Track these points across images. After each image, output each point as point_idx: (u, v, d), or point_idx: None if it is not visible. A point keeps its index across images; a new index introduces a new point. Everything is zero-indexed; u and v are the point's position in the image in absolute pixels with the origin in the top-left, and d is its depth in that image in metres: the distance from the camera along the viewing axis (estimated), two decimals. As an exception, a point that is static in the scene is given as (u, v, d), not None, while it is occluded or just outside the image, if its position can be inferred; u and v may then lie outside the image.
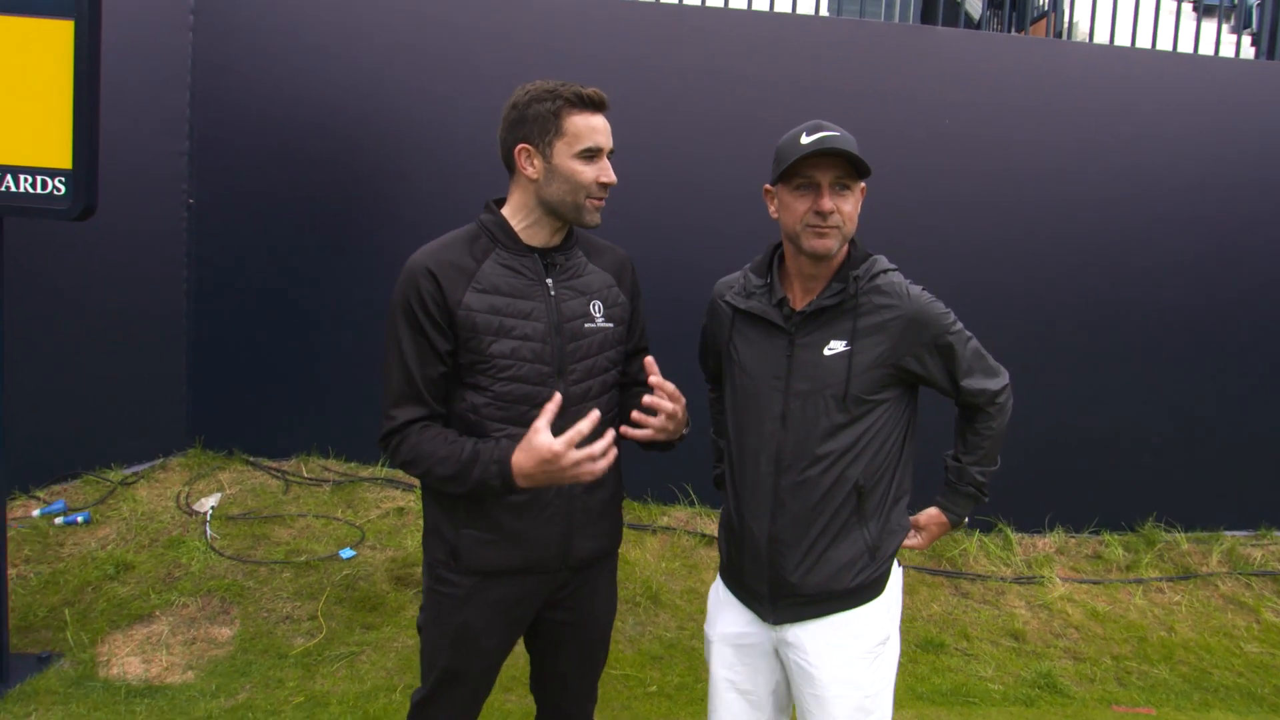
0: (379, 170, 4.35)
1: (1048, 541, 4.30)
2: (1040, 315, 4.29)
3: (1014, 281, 4.28)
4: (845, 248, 1.80)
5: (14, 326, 3.82)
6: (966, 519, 1.99)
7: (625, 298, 1.92)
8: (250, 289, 4.44)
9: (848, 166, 1.70)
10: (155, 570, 3.65)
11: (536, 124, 1.74)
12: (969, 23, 5.70)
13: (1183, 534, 4.35)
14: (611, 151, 1.80)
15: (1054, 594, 3.94)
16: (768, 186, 1.81)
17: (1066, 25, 5.63)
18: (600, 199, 1.78)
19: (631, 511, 4.24)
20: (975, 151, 4.22)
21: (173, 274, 4.42)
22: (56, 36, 2.68)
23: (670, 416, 1.74)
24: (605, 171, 1.77)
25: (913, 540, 1.98)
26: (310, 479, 4.32)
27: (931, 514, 1.99)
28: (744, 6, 4.44)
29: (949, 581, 4.03)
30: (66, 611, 3.32)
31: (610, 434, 1.69)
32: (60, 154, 2.72)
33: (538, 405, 1.71)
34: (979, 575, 4.07)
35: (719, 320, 1.92)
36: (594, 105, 1.75)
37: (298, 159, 4.33)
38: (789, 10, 4.48)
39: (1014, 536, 4.28)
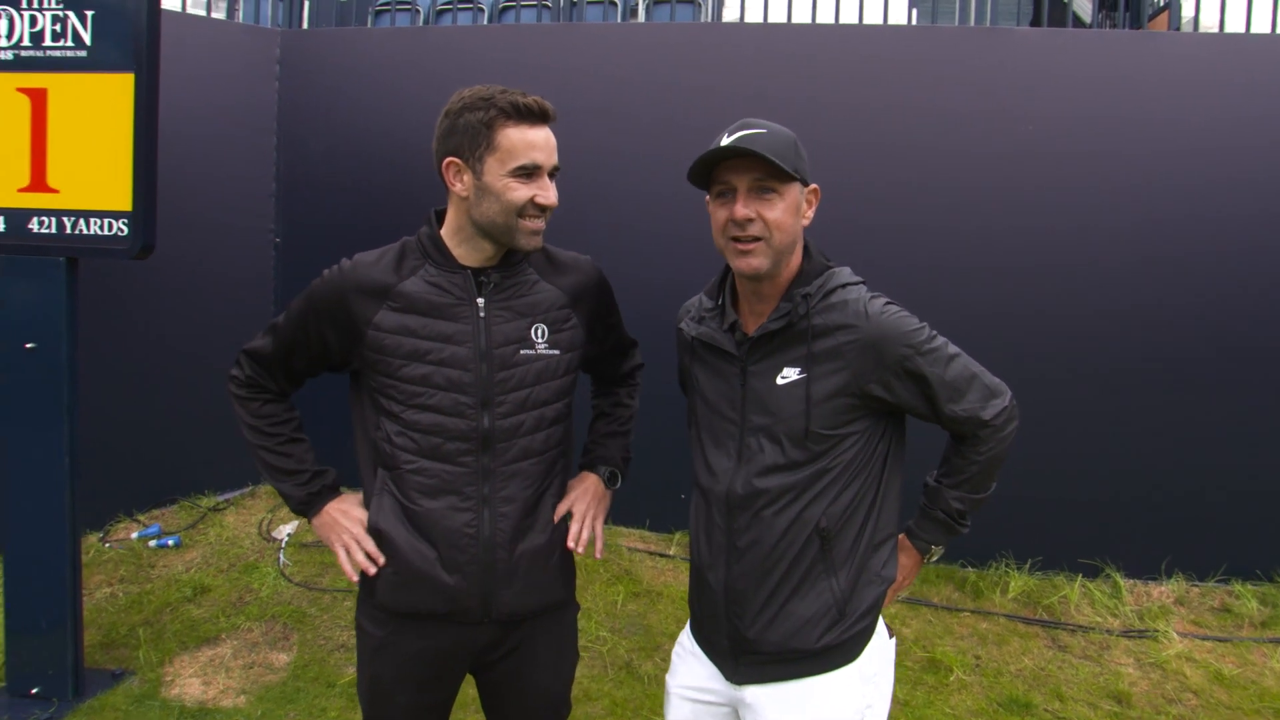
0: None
1: (1165, 590, 3.81)
2: (1166, 340, 3.84)
3: (1136, 305, 3.85)
4: (796, 261, 1.59)
5: (122, 365, 4.16)
6: (936, 551, 1.72)
7: (580, 321, 1.74)
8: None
9: (771, 167, 1.48)
10: (229, 594, 3.79)
11: (467, 136, 1.57)
12: (1078, 24, 5.26)
13: (1336, 586, 3.75)
14: (556, 169, 1.63)
15: (1169, 651, 3.46)
16: (708, 198, 1.61)
17: (1191, 16, 5.11)
18: (538, 220, 1.61)
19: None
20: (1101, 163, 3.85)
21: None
22: (118, 89, 2.86)
23: (591, 519, 1.79)
24: (544, 191, 1.59)
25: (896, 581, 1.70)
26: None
27: (900, 539, 1.72)
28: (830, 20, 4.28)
29: (1045, 631, 3.63)
30: (142, 631, 3.48)
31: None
32: (122, 197, 2.89)
33: (454, 438, 1.61)
34: (1080, 626, 3.64)
35: (681, 347, 1.75)
36: (533, 116, 1.57)
37: (377, 195, 4.47)
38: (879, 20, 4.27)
39: (1124, 583, 3.81)
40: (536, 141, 1.58)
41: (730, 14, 5.67)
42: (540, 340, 1.67)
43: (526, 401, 1.66)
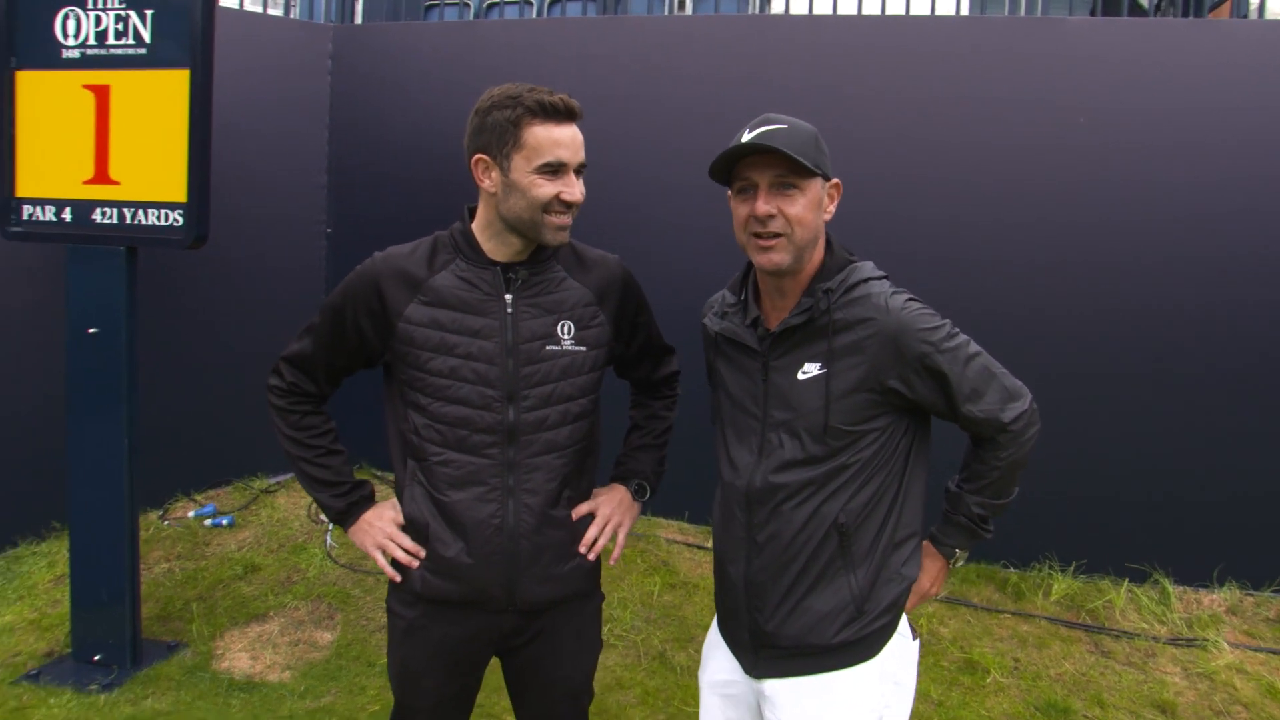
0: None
1: (1216, 598, 3.69)
2: (1228, 339, 3.70)
3: (1198, 302, 3.71)
4: (818, 256, 1.59)
5: (182, 352, 4.33)
6: (961, 556, 1.70)
7: (607, 318, 1.77)
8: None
9: (792, 163, 1.48)
10: (277, 573, 3.92)
11: (495, 133, 1.61)
12: (1138, 12, 5.09)
13: (1403, 599, 3.60)
14: (583, 166, 1.66)
15: (1219, 662, 3.36)
16: (730, 193, 1.62)
17: (1257, 3, 4.91)
18: (564, 216, 1.65)
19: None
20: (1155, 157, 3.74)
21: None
22: (175, 85, 2.97)
23: (613, 527, 1.83)
24: (569, 188, 1.63)
25: (918, 583, 1.69)
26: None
27: (924, 545, 1.71)
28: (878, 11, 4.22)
29: (1088, 636, 3.55)
30: (196, 606, 3.63)
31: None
32: (177, 189, 3.01)
33: (480, 431, 1.65)
34: (1126, 632, 3.55)
35: (705, 342, 1.77)
36: (559, 115, 1.60)
37: (426, 187, 4.55)
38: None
39: (1173, 589, 3.70)
40: (562, 139, 1.61)
41: (776, 6, 5.63)
42: (566, 337, 1.70)
43: (551, 396, 1.69)
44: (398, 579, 1.74)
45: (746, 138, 1.51)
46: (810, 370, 1.55)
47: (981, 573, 3.87)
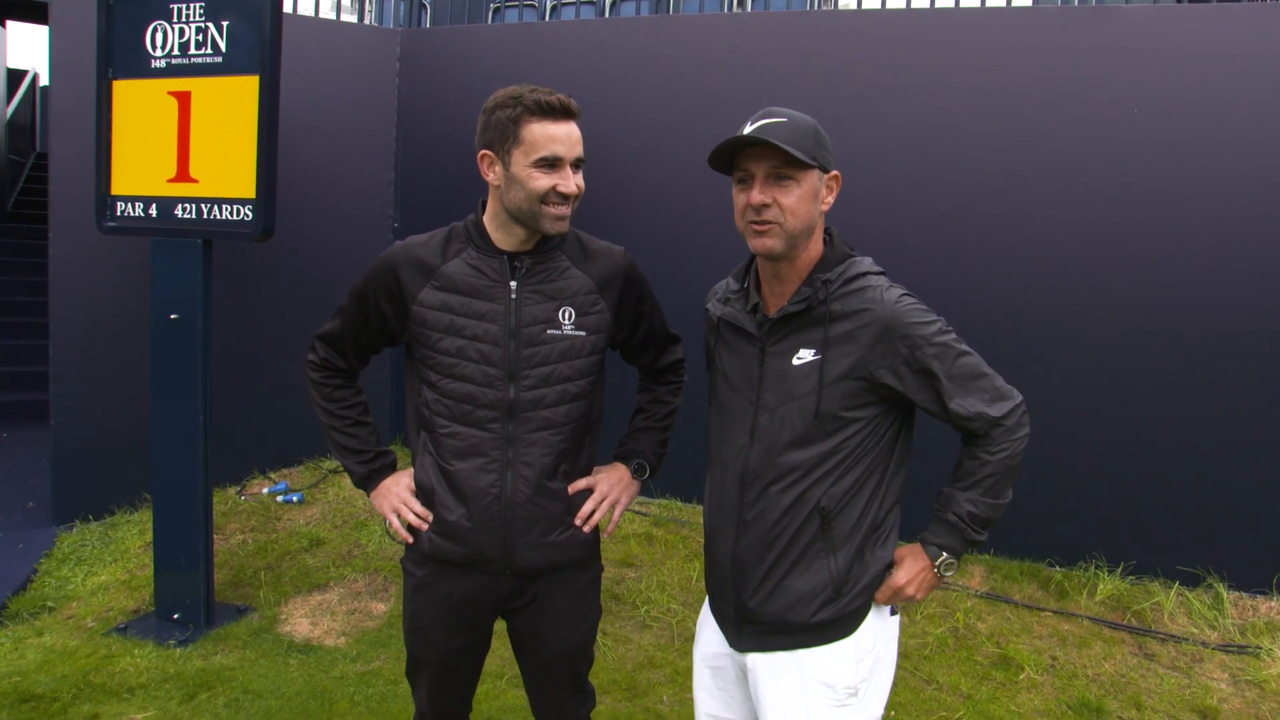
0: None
1: (1273, 605, 3.56)
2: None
3: (1256, 304, 3.59)
4: (816, 246, 1.67)
5: (261, 340, 4.64)
6: (948, 561, 1.65)
7: (608, 306, 1.88)
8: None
9: (787, 156, 1.55)
10: (340, 547, 4.18)
11: (498, 131, 1.75)
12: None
13: None
14: (580, 160, 1.78)
15: (1272, 670, 3.25)
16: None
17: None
18: (561, 207, 1.76)
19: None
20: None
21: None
22: (246, 90, 3.22)
23: (610, 503, 1.94)
24: (565, 181, 1.74)
25: (894, 578, 1.67)
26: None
27: (911, 545, 1.71)
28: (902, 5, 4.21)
29: (1132, 638, 3.48)
30: (264, 575, 3.91)
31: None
32: (247, 186, 3.26)
33: (483, 406, 1.78)
34: (1173, 636, 3.46)
35: (708, 328, 1.85)
36: (555, 113, 1.72)
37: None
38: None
39: (1227, 595, 3.59)
40: (558, 135, 1.73)
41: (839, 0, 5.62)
42: (567, 322, 1.83)
43: (550, 377, 1.82)
44: (409, 540, 1.90)
45: (747, 130, 1.58)
46: (805, 356, 1.62)
47: (1025, 570, 3.83)
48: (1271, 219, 3.54)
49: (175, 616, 3.53)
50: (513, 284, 1.82)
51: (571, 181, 1.76)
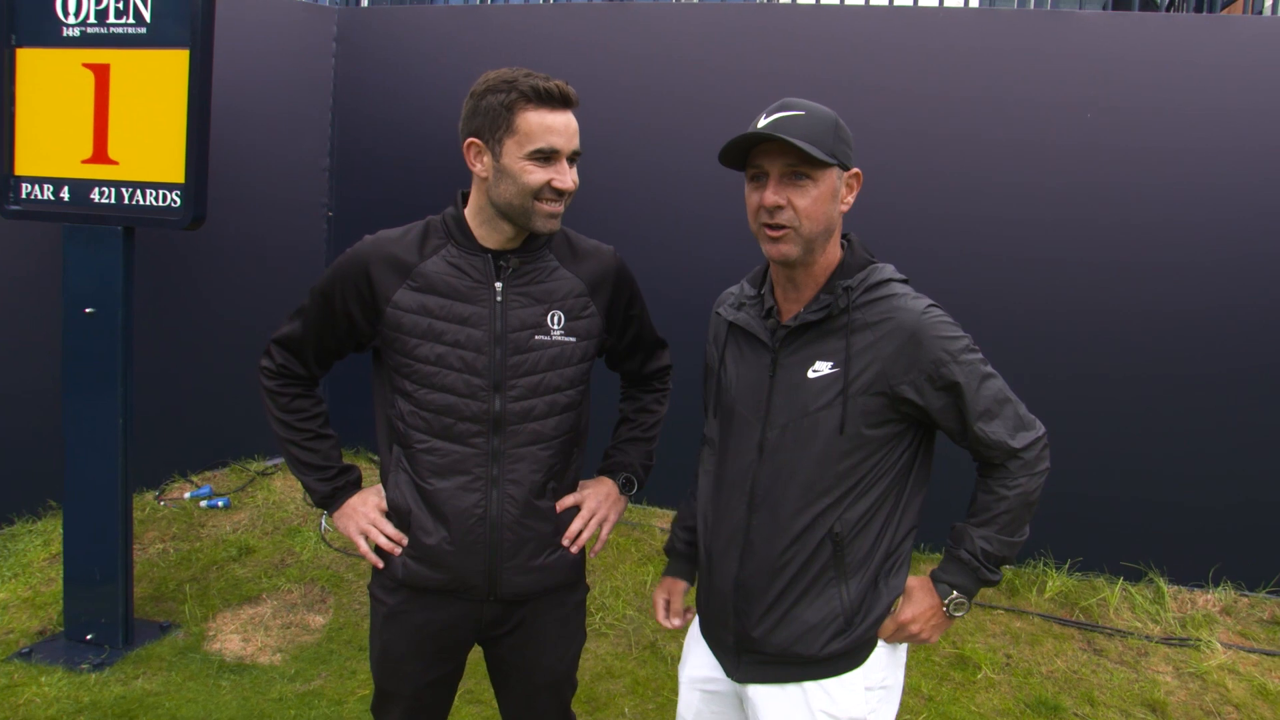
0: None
1: (1211, 599, 3.68)
2: (1228, 340, 3.68)
3: (1203, 304, 3.69)
4: (834, 250, 1.56)
5: (180, 333, 4.33)
6: (960, 600, 1.55)
7: (598, 310, 1.74)
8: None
9: (803, 153, 1.42)
10: (271, 556, 3.93)
11: (488, 118, 1.58)
12: (1150, 7, 5.04)
13: (1399, 604, 3.58)
14: (577, 154, 1.63)
15: (1211, 662, 3.35)
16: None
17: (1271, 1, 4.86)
18: (555, 204, 1.61)
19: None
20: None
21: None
22: (174, 65, 2.96)
23: (598, 520, 1.82)
24: (561, 175, 1.59)
25: (900, 613, 1.57)
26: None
27: (921, 578, 1.60)
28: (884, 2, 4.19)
29: (1081, 634, 3.54)
30: (189, 587, 3.63)
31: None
32: (175, 170, 3.00)
33: (465, 419, 1.63)
34: (1118, 631, 3.54)
35: (715, 335, 1.71)
36: (553, 101, 1.56)
37: (429, 172, 4.53)
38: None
39: (1168, 589, 3.70)
40: (555, 126, 1.58)
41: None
42: (556, 327, 1.68)
43: (539, 387, 1.67)
44: (380, 565, 1.73)
45: (762, 123, 1.46)
46: (821, 369, 1.51)
47: (976, 569, 3.86)
48: (1216, 220, 3.65)
49: (89, 637, 3.24)
50: (498, 285, 1.66)
51: (568, 176, 1.61)
